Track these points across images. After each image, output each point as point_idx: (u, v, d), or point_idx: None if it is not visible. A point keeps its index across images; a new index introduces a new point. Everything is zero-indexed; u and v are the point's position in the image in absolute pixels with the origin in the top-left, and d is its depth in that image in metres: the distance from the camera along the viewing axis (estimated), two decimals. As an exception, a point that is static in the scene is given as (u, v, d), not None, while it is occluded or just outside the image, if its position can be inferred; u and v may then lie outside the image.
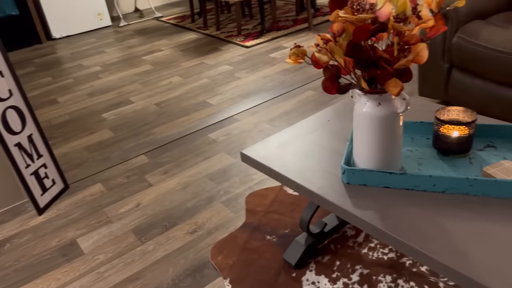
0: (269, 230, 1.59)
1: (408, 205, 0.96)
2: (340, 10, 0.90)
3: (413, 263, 1.35)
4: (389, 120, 0.98)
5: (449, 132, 1.08)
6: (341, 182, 1.06)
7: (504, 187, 0.92)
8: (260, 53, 3.47)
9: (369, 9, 0.82)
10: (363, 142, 1.03)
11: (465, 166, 1.05)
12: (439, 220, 0.90)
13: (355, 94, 1.05)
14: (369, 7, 0.82)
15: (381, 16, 0.82)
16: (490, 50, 1.83)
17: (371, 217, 0.94)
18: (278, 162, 1.18)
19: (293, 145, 1.25)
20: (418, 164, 1.09)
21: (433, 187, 0.98)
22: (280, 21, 4.27)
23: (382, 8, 0.82)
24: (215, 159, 2.10)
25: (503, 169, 0.99)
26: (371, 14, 0.81)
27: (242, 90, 2.84)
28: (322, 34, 0.90)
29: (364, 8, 0.82)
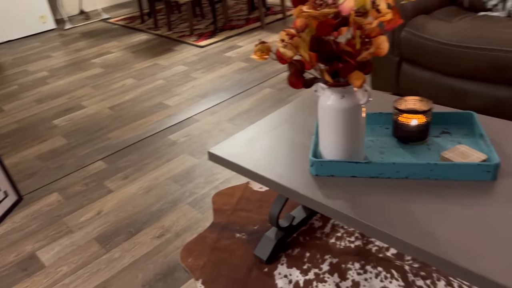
0: (238, 228, 1.59)
1: (375, 192, 1.00)
2: (303, 5, 0.92)
3: (379, 249, 1.41)
4: (353, 111, 1.02)
5: (408, 120, 1.13)
6: (309, 175, 1.08)
7: (462, 170, 0.98)
8: (215, 53, 3.45)
9: (331, 4, 0.85)
10: (329, 134, 1.06)
11: (424, 153, 1.11)
12: (404, 204, 0.95)
13: (319, 88, 1.08)
14: (331, 2, 0.85)
15: (343, 11, 0.85)
16: (436, 43, 1.93)
17: (342, 206, 0.97)
18: (246, 159, 1.18)
19: (259, 141, 1.26)
20: (380, 153, 1.13)
21: (396, 173, 1.03)
22: (233, 20, 4.27)
23: (344, 3, 0.84)
24: (177, 160, 2.07)
25: (459, 153, 1.05)
26: (334, 9, 0.83)
27: (200, 90, 2.82)
28: (287, 29, 0.92)
29: (327, 3, 0.85)
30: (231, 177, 1.90)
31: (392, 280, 1.29)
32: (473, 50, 1.82)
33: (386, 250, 1.40)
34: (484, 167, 0.97)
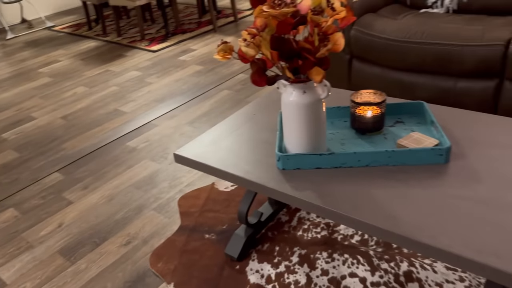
0: (206, 229, 1.60)
1: (339, 181, 1.05)
2: (262, 5, 0.95)
3: (344, 237, 1.47)
4: (315, 106, 1.06)
5: (364, 112, 1.20)
6: (276, 169, 1.12)
7: (417, 155, 1.06)
8: (168, 57, 3.43)
9: (290, 3, 0.88)
10: (293, 129, 1.10)
11: (381, 142, 1.18)
12: (367, 190, 1.01)
13: (280, 85, 1.12)
14: (290, 1, 0.89)
15: (301, 9, 0.89)
16: (383, 39, 2.04)
17: (309, 196, 1.01)
18: (213, 158, 1.20)
19: (224, 141, 1.28)
20: (341, 144, 1.19)
21: (358, 162, 1.08)
22: (184, 24, 4.25)
23: (302, 2, 0.89)
24: (139, 167, 2.04)
25: (413, 140, 1.13)
26: (292, 8, 0.87)
27: (156, 95, 2.79)
28: (249, 29, 0.95)
29: (285, 3, 0.89)
30: (196, 180, 1.90)
31: (358, 265, 1.35)
32: (418, 45, 1.94)
33: (350, 237, 1.47)
34: (437, 151, 1.05)
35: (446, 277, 1.27)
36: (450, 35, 1.88)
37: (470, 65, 1.85)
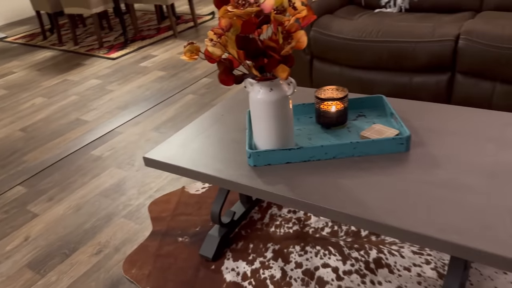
0: (179, 232, 1.60)
1: (309, 173, 1.09)
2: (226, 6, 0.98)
3: (315, 230, 1.52)
4: (282, 102, 1.10)
5: (329, 107, 1.24)
6: (248, 166, 1.14)
7: (380, 145, 1.11)
8: (129, 64, 3.38)
9: (253, 3, 0.92)
10: (262, 126, 1.13)
11: (345, 135, 1.23)
12: (336, 181, 1.05)
13: (248, 84, 1.15)
14: (253, 1, 0.92)
15: (265, 9, 0.92)
16: (341, 39, 2.12)
17: (281, 189, 1.04)
18: (184, 159, 1.21)
19: (194, 142, 1.30)
20: (308, 139, 1.23)
21: (325, 155, 1.13)
22: (143, 30, 4.21)
23: (265, 2, 0.92)
24: (105, 175, 2.01)
25: (375, 131, 1.18)
26: (256, 8, 0.90)
27: (119, 102, 2.75)
28: (215, 28, 0.97)
29: (249, 2, 0.92)
30: (165, 185, 1.89)
31: (330, 256, 1.40)
32: (374, 43, 2.03)
33: (321, 230, 1.51)
34: (398, 140, 1.11)
35: (413, 261, 1.34)
36: (403, 33, 1.98)
37: (423, 61, 1.95)
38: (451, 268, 1.08)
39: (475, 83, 1.89)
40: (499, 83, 1.84)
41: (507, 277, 1.25)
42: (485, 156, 1.07)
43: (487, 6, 2.20)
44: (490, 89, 1.86)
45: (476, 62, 1.84)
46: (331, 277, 1.32)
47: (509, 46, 1.74)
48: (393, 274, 1.30)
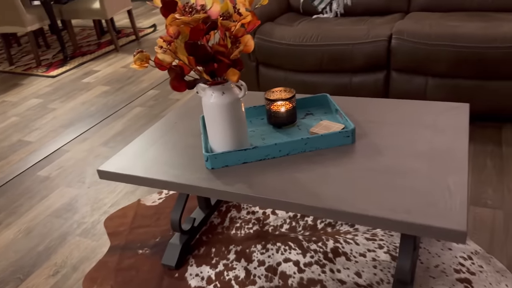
0: (139, 244, 1.58)
1: (265, 171, 1.13)
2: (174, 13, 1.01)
3: (274, 228, 1.56)
4: (234, 105, 1.14)
5: (279, 108, 1.30)
6: (206, 169, 1.17)
7: (328, 139, 1.19)
8: (70, 81, 3.28)
9: (200, 10, 0.95)
10: (217, 129, 1.16)
11: (296, 132, 1.29)
12: (291, 175, 1.10)
13: (199, 90, 1.18)
14: (199, 8, 0.95)
15: (212, 15, 0.96)
16: (284, 45, 2.20)
17: (241, 188, 1.08)
18: (141, 168, 1.21)
19: (149, 151, 1.30)
20: (262, 139, 1.28)
21: (279, 152, 1.18)
22: (82, 46, 4.10)
23: (212, 8, 0.96)
24: (55, 195, 1.94)
25: (323, 127, 1.26)
26: (203, 14, 0.94)
27: (63, 120, 2.66)
28: (165, 36, 0.99)
29: (196, 9, 0.95)
30: (120, 199, 1.86)
31: (290, 250, 1.45)
32: (314, 47, 2.14)
33: (280, 227, 1.56)
34: (344, 133, 1.18)
35: (367, 247, 1.42)
36: (341, 36, 2.10)
37: (361, 61, 2.08)
38: (402, 248, 1.17)
39: (409, 79, 2.05)
40: (430, 77, 2.01)
41: (452, 252, 1.37)
42: (422, 142, 1.17)
43: (414, 7, 2.39)
44: (423, 84, 2.02)
45: (408, 59, 1.99)
46: (293, 270, 1.37)
47: (437, 43, 1.91)
48: (350, 261, 1.38)
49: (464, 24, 1.93)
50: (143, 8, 5.47)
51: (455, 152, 1.11)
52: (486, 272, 1.28)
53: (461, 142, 1.15)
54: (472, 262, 1.32)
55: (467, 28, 1.89)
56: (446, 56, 1.91)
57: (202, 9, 0.95)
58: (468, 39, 1.86)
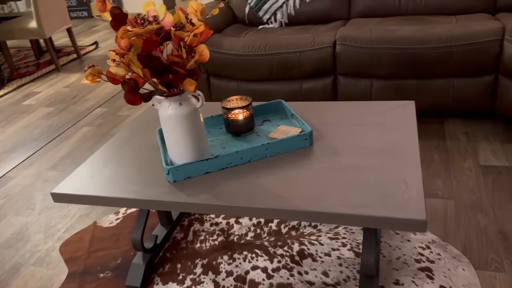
0: (99, 268, 1.51)
1: (229, 180, 1.13)
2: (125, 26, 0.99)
3: (239, 237, 1.56)
4: (193, 115, 1.13)
5: (236, 116, 1.31)
6: (167, 183, 1.15)
7: (288, 143, 1.21)
8: (9, 104, 3.10)
9: (153, 21, 0.94)
10: (177, 141, 1.15)
11: (255, 139, 1.31)
12: (255, 181, 1.11)
13: (155, 102, 1.16)
14: (152, 19, 0.94)
15: (165, 26, 0.96)
16: (233, 55, 2.23)
17: (207, 199, 1.07)
18: (99, 187, 1.17)
19: (105, 169, 1.26)
20: (222, 148, 1.28)
21: (241, 160, 1.19)
22: (20, 68, 3.90)
23: (165, 19, 0.95)
24: (3, 225, 1.81)
25: (281, 132, 1.28)
26: (157, 25, 0.93)
27: (4, 145, 2.50)
28: (117, 49, 0.97)
29: (148, 21, 0.94)
30: (74, 223, 1.77)
31: (257, 258, 1.45)
32: (263, 57, 2.17)
33: (245, 236, 1.56)
34: (302, 136, 1.21)
35: (331, 246, 1.46)
36: (288, 45, 2.16)
37: (309, 68, 2.15)
38: (366, 244, 1.21)
39: (355, 82, 2.14)
40: (375, 80, 2.11)
41: (410, 243, 1.43)
42: (375, 140, 1.23)
43: (354, 14, 2.51)
44: (368, 86, 2.12)
45: (353, 63, 2.08)
46: (261, 277, 1.37)
47: (378, 47, 2.01)
48: (317, 262, 1.40)
49: (402, 28, 2.05)
50: (83, 26, 5.31)
51: (406, 147, 1.17)
52: (444, 259, 1.35)
53: (411, 137, 1.22)
54: (430, 251, 1.39)
55: (405, 31, 2.01)
56: (388, 59, 2.02)
57: (155, 20, 0.94)
58: (407, 41, 1.98)
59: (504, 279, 1.25)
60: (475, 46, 1.89)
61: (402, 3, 2.37)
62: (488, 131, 2.02)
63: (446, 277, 1.28)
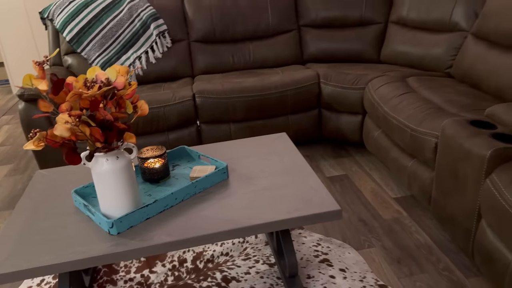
0: None
1: (173, 219, 1.24)
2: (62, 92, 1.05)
3: (160, 284, 1.60)
4: (128, 167, 1.21)
5: (153, 164, 1.42)
6: (110, 236, 1.18)
7: (211, 178, 1.39)
8: None
9: (105, 83, 1.03)
10: (115, 194, 1.20)
11: (175, 182, 1.44)
12: (198, 214, 1.25)
13: (85, 161, 1.19)
14: (106, 82, 1.03)
15: (118, 86, 1.05)
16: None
17: (162, 238, 1.15)
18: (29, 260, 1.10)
19: (32, 238, 1.18)
20: (149, 195, 1.37)
21: (175, 200, 1.31)
22: None
23: (117, 80, 1.05)
24: None
25: (199, 171, 1.45)
26: (111, 86, 1.03)
27: None
28: (73, 112, 1.01)
29: (101, 83, 1.03)
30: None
31: (188, 295, 1.53)
32: (130, 114, 2.27)
33: (165, 281, 1.61)
34: (221, 171, 1.42)
35: (247, 266, 1.66)
36: (150, 101, 2.32)
37: (174, 120, 2.35)
38: (286, 248, 1.46)
39: (216, 128, 2.44)
40: (232, 123, 2.46)
41: (305, 245, 1.76)
42: (276, 164, 1.53)
43: (197, 72, 2.84)
44: (228, 129, 2.45)
45: (212, 112, 2.39)
46: (200, 309, 1.47)
47: (231, 96, 2.38)
48: (241, 282, 1.58)
49: (245, 80, 2.48)
50: None
51: (300, 165, 1.52)
52: (333, 250, 1.72)
53: (299, 157, 1.57)
54: (322, 246, 1.74)
55: (249, 82, 2.44)
56: (240, 105, 2.40)
57: (108, 82, 1.04)
58: (252, 90, 2.41)
59: (376, 251, 1.70)
60: (302, 89, 2.45)
61: (235, 60, 2.84)
62: (322, 152, 2.59)
63: (340, 262, 1.65)
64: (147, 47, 2.73)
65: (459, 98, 1.93)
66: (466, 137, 1.47)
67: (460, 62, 2.25)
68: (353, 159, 2.47)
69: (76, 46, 2.66)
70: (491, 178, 1.36)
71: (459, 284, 1.52)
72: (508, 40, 1.98)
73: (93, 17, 2.65)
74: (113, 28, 2.68)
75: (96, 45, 2.66)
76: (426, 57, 2.45)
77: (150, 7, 2.74)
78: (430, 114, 1.79)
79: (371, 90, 2.25)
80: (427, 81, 2.19)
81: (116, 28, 2.68)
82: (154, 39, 2.72)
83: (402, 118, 1.89)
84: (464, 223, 1.52)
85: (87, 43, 2.65)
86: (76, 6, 2.65)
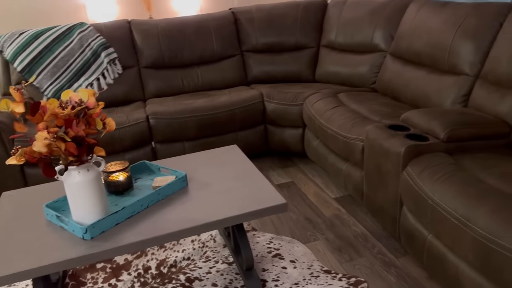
0: None
1: (141, 222, 1.40)
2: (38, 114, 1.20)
3: (128, 289, 1.72)
4: (98, 178, 1.36)
5: (117, 177, 1.58)
6: (83, 241, 1.31)
7: (173, 186, 1.57)
8: None
9: (80, 103, 1.19)
10: (86, 203, 1.34)
11: (139, 192, 1.60)
12: (163, 216, 1.42)
13: (59, 175, 1.33)
14: (79, 102, 1.19)
15: (90, 105, 1.22)
16: (52, 141, 2.34)
17: (133, 238, 1.31)
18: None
19: (8, 248, 1.29)
20: (115, 205, 1.52)
21: (141, 207, 1.47)
22: None
23: (89, 100, 1.21)
24: None
25: (161, 181, 1.62)
26: (83, 106, 1.19)
27: None
28: (51, 129, 1.16)
29: (75, 104, 1.19)
30: None
31: (155, 297, 1.67)
32: (86, 137, 2.39)
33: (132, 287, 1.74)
34: (181, 179, 1.60)
35: (208, 266, 1.83)
36: (106, 124, 2.45)
37: (129, 141, 2.49)
38: (242, 244, 1.65)
39: (171, 146, 2.61)
40: (186, 142, 2.64)
41: (259, 243, 1.96)
42: (228, 172, 1.73)
43: (148, 96, 3.00)
44: (182, 147, 2.63)
45: (166, 132, 2.56)
46: (167, 307, 1.61)
47: (183, 116, 2.57)
48: (203, 280, 1.75)
49: (196, 101, 2.68)
50: None
51: (250, 171, 1.73)
52: (284, 245, 1.93)
53: (249, 165, 1.79)
54: (274, 243, 1.95)
55: (200, 103, 2.65)
56: (192, 125, 2.59)
57: (80, 102, 1.20)
58: (203, 110, 2.61)
59: (320, 243, 1.94)
60: (248, 107, 2.70)
61: (185, 84, 3.04)
62: (270, 163, 2.83)
63: (290, 255, 1.87)
64: (98, 74, 2.86)
65: (381, 108, 2.26)
66: (385, 139, 1.77)
67: (382, 78, 2.62)
68: (298, 167, 2.73)
69: (27, 76, 2.74)
70: (406, 170, 1.66)
71: (391, 263, 1.78)
72: (418, 57, 2.36)
73: (44, 48, 2.75)
74: (64, 57, 2.79)
75: (48, 74, 2.75)
76: (353, 75, 2.80)
77: (100, 36, 2.89)
78: (357, 122, 2.09)
79: (308, 105, 2.54)
80: (355, 95, 2.52)
81: (67, 57, 2.80)
82: (105, 66, 2.87)
83: (335, 128, 2.18)
84: (390, 211, 1.80)
85: (39, 72, 2.74)
86: (26, 37, 2.74)
